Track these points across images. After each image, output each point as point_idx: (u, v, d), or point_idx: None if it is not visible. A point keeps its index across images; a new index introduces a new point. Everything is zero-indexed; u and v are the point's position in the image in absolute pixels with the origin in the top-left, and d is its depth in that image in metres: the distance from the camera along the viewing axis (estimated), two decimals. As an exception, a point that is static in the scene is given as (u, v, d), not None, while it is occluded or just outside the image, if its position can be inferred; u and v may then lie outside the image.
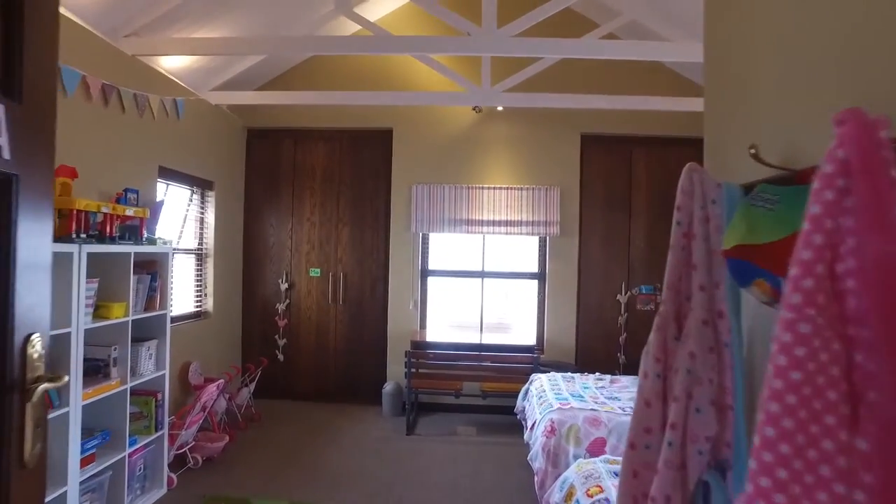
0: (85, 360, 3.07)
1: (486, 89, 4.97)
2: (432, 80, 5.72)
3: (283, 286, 5.95)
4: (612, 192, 5.88)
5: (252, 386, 5.23)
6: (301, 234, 5.99)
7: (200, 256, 5.29)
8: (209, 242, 5.34)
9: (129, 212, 3.14)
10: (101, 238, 2.95)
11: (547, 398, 3.79)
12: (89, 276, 2.91)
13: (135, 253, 3.25)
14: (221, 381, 4.02)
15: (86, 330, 2.87)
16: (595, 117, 5.73)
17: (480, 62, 4.94)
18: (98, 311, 3.04)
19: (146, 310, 3.50)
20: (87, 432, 2.96)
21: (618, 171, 5.89)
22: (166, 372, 3.63)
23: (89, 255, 2.86)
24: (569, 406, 3.52)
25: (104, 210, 2.90)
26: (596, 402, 3.68)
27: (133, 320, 3.30)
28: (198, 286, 5.25)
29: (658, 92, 5.25)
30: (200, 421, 3.93)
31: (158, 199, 4.31)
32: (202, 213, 5.30)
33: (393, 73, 5.82)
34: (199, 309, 5.24)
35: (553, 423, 3.35)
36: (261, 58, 5.24)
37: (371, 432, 5.10)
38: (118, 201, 3.04)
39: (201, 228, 5.31)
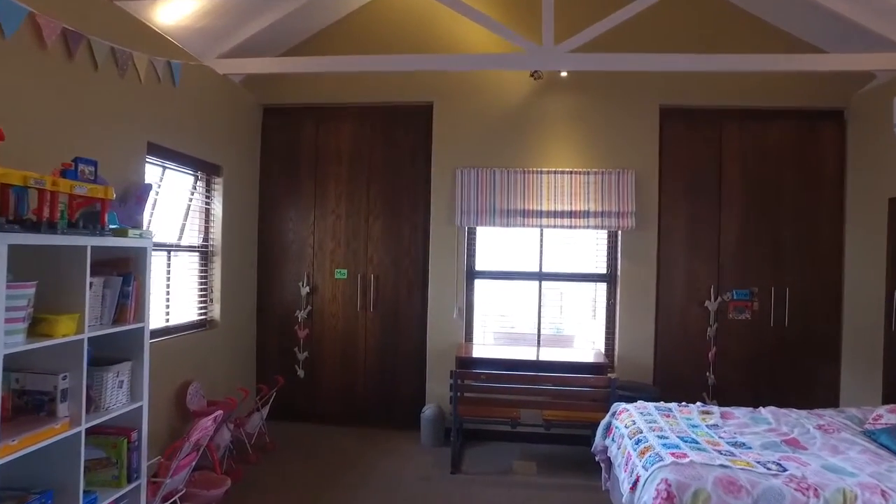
0: (19, 394, 2.24)
1: (548, 48, 4.01)
2: (481, 43, 4.77)
3: (304, 290, 5.08)
4: (698, 178, 4.84)
5: (265, 410, 4.36)
6: (325, 230, 5.11)
7: (205, 255, 4.46)
8: (216, 238, 4.51)
9: (81, 190, 2.27)
10: (36, 225, 2.09)
11: (649, 443, 2.79)
12: (21, 277, 2.06)
13: (94, 247, 2.40)
14: (219, 412, 3.16)
15: (11, 355, 2.02)
16: (677, 86, 4.72)
17: (540, 15, 3.98)
18: (37, 326, 2.18)
19: (116, 322, 2.65)
20: (14, 498, 2.10)
21: (705, 151, 4.84)
22: (144, 403, 2.77)
23: (14, 248, 2.01)
24: (687, 460, 2.52)
25: (34, 184, 2.03)
26: (720, 453, 2.67)
27: (94, 337, 2.45)
28: (202, 290, 4.41)
29: (755, 51, 4.21)
30: (193, 462, 3.07)
31: (146, 182, 3.47)
32: (208, 204, 4.47)
33: (434, 37, 4.89)
34: (203, 317, 4.41)
35: (669, 486, 2.36)
36: (277, 17, 4.38)
37: (408, 468, 4.18)
38: (63, 175, 2.20)
39: (207, 222, 4.48)
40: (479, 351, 4.71)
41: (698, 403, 3.57)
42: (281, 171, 5.14)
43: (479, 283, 5.03)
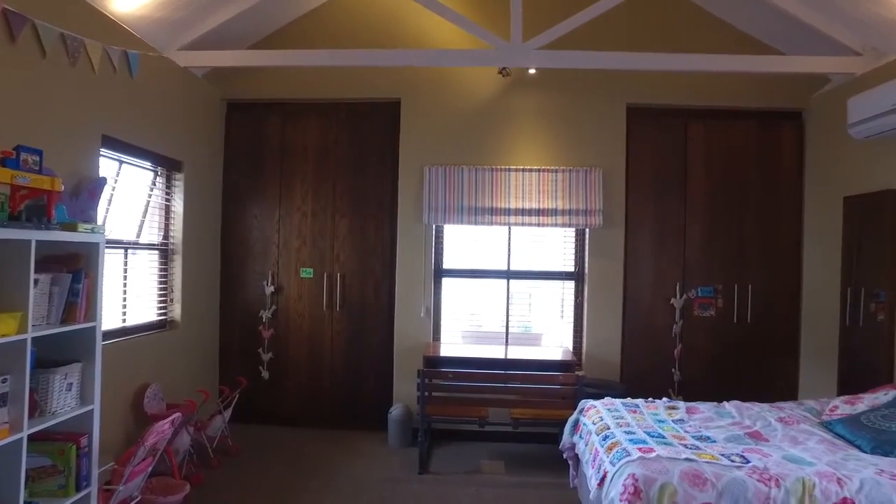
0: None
1: (517, 45, 3.99)
2: (450, 39, 4.74)
3: (269, 290, 4.96)
4: (664, 176, 4.90)
5: (227, 412, 4.24)
6: (290, 228, 5.01)
7: (165, 253, 4.31)
8: (177, 236, 4.37)
9: (23, 180, 2.15)
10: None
11: (616, 439, 2.79)
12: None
13: (41, 242, 2.28)
14: (177, 414, 3.04)
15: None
16: (644, 85, 4.76)
17: (509, 13, 3.96)
18: (-26, 325, 2.05)
19: (65, 322, 2.53)
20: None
21: (671, 150, 4.90)
22: (95, 407, 2.65)
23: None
24: (653, 454, 2.52)
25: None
26: (686, 446, 2.68)
27: (40, 338, 2.32)
28: (162, 290, 4.27)
29: (719, 52, 4.28)
30: (149, 468, 2.95)
31: (100, 176, 3.33)
32: (168, 200, 4.33)
33: (402, 32, 4.83)
34: (162, 318, 4.26)
35: (636, 480, 2.35)
36: (241, 9, 4.26)
37: (375, 470, 4.11)
38: (3, 163, 2.06)
39: (167, 219, 4.33)
40: (446, 350, 4.67)
41: (665, 399, 3.59)
42: (245, 168, 5.02)
43: (446, 282, 4.99)
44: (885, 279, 3.82)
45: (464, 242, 5.01)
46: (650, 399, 3.57)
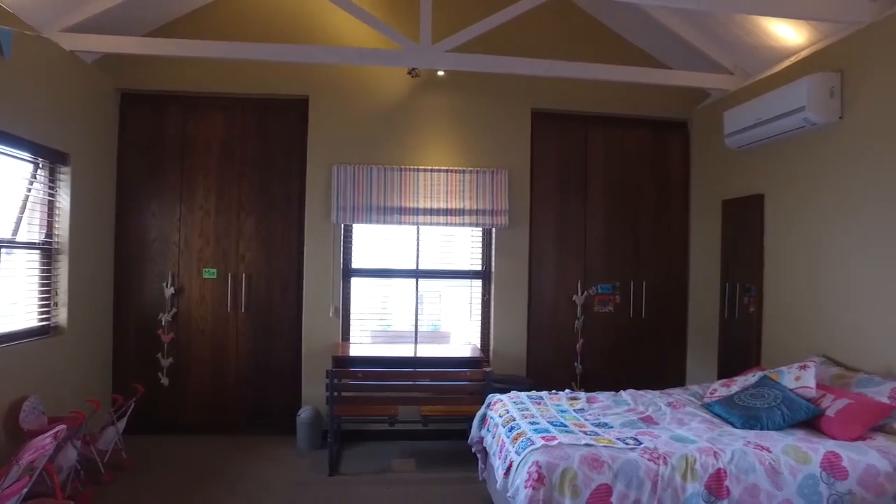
0: None
1: (426, 47, 4.05)
2: (359, 38, 4.72)
3: (169, 291, 4.71)
4: (567, 178, 5.15)
5: (121, 423, 3.97)
6: (192, 226, 4.78)
7: (49, 253, 3.98)
8: (62, 234, 4.04)
9: None
10: None
11: (521, 429, 2.90)
12: None
13: None
14: (60, 427, 2.82)
15: None
16: (548, 91, 4.98)
17: (419, 14, 4.02)
18: None
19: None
20: None
21: (572, 153, 5.17)
22: (-37, 419, 2.40)
23: None
24: (555, 442, 2.65)
25: None
26: (586, 433, 2.84)
27: None
28: (44, 293, 3.94)
29: (615, 63, 4.56)
30: (24, 489, 2.70)
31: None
32: (52, 196, 4.00)
33: (311, 29, 4.76)
34: (45, 323, 3.92)
35: (540, 467, 2.47)
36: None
37: (283, 474, 4.01)
38: None
39: (50, 216, 4.00)
40: (356, 350, 4.64)
41: (567, 391, 3.77)
42: (142, 163, 4.73)
43: (355, 282, 4.96)
44: (754, 275, 4.24)
45: (373, 242, 5.01)
46: (554, 391, 3.73)
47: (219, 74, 4.70)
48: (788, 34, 3.93)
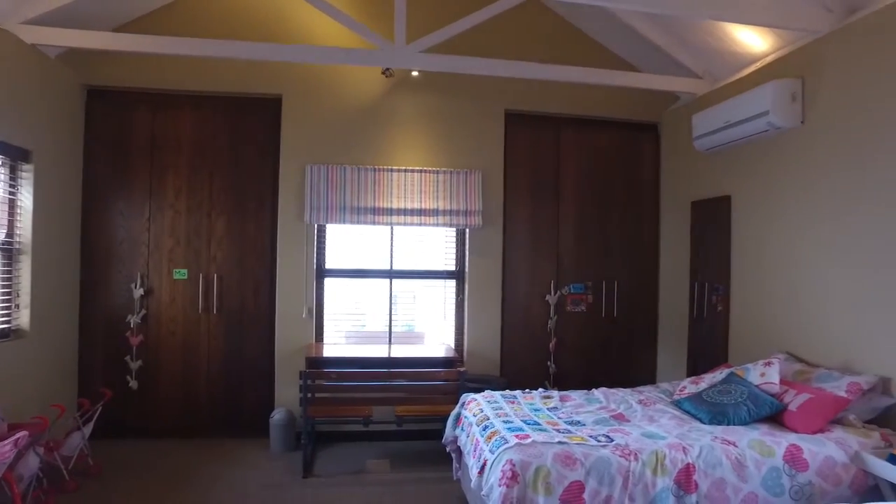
0: None
1: (400, 47, 4.05)
2: (334, 37, 4.70)
3: (138, 293, 4.62)
4: (540, 179, 5.20)
5: (87, 428, 3.88)
6: (162, 226, 4.70)
7: (9, 253, 3.87)
8: (25, 234, 3.93)
9: None
10: None
11: (495, 428, 2.92)
12: None
13: None
14: (21, 434, 2.74)
15: None
16: (521, 92, 5.03)
17: (393, 14, 4.02)
18: None
19: None
20: None
21: (546, 154, 5.22)
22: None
23: None
24: (529, 440, 2.68)
25: None
26: (559, 431, 2.88)
27: None
28: (5, 295, 3.82)
29: (588, 66, 4.63)
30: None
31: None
32: (13, 194, 3.89)
33: (285, 27, 4.72)
34: (5, 326, 3.81)
35: (514, 465, 2.49)
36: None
37: (256, 477, 3.97)
38: None
39: (12, 215, 3.89)
40: (329, 351, 4.61)
41: (540, 389, 3.81)
42: (110, 161, 4.62)
43: (329, 282, 4.93)
44: (722, 274, 4.35)
45: (346, 242, 4.99)
46: (527, 390, 3.77)
47: (189, 72, 4.63)
48: (754, 41, 4.04)
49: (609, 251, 5.29)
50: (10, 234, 3.86)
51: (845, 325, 3.28)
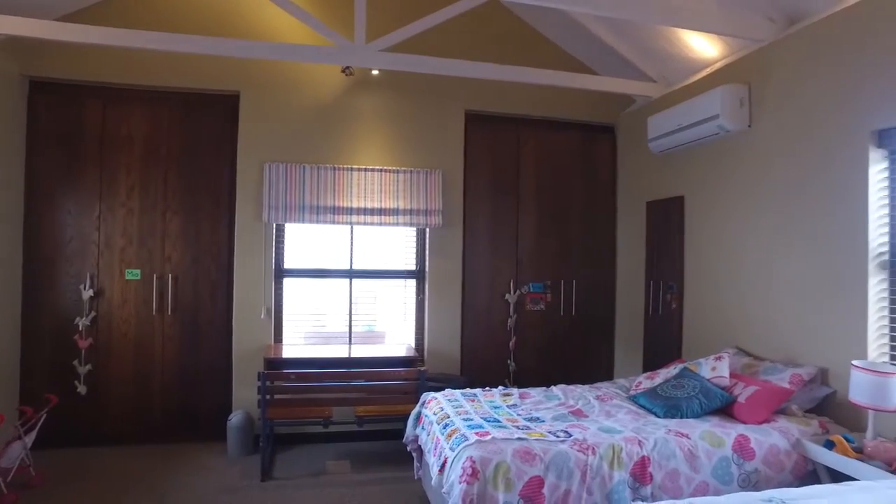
0: None
1: (360, 45, 4.03)
2: (293, 34, 4.64)
3: (87, 294, 4.45)
4: (499, 179, 5.26)
5: (30, 437, 3.71)
6: (113, 225, 4.54)
7: (-52, 253, 3.68)
8: (-37, 233, 3.74)
9: None
10: None
11: (455, 426, 2.94)
12: None
13: None
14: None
15: None
16: (481, 93, 5.07)
17: (353, 11, 4.00)
18: None
19: None
20: None
21: (505, 155, 5.28)
22: None
23: None
24: (489, 437, 2.71)
25: None
26: (518, 428, 2.91)
27: None
28: (-57, 296, 3.63)
29: (546, 68, 4.70)
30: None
31: None
32: (-49, 192, 3.70)
33: (243, 22, 4.64)
34: (-57, 329, 3.63)
35: (474, 462, 2.51)
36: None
37: (213, 482, 3.89)
38: None
39: (-51, 213, 3.70)
40: (288, 351, 4.55)
41: (500, 387, 3.84)
42: (56, 157, 4.44)
43: (288, 282, 4.86)
44: (676, 273, 4.48)
45: (306, 242, 4.93)
46: (487, 388, 3.80)
47: (143, 66, 4.50)
48: (705, 47, 4.18)
49: (567, 251, 5.39)
50: (-53, 232, 3.67)
51: (788, 319, 3.43)
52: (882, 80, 2.90)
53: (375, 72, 4.81)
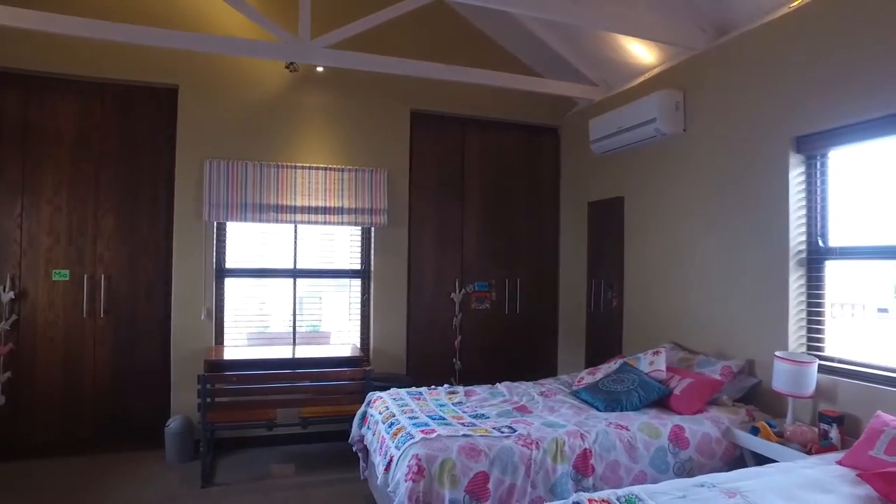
0: None
1: (304, 41, 3.97)
2: (236, 27, 4.52)
3: (8, 296, 4.19)
4: (445, 179, 5.29)
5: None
6: (39, 223, 4.29)
7: None
8: None
9: None
10: None
11: (401, 425, 2.94)
12: None
13: None
14: None
15: None
16: (427, 92, 5.08)
17: (297, 6, 3.93)
18: None
19: None
20: None
21: (450, 155, 5.32)
22: None
23: None
24: (434, 434, 2.72)
25: None
26: (463, 425, 2.94)
27: None
28: None
29: (492, 69, 4.77)
30: None
31: None
32: None
33: (183, 14, 4.47)
34: None
35: (419, 460, 2.52)
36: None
37: (151, 490, 3.74)
38: None
39: None
40: (231, 353, 4.43)
41: (446, 385, 3.87)
42: (-28, 151, 4.16)
43: (230, 283, 4.73)
44: (616, 272, 4.64)
45: (248, 241, 4.81)
46: (433, 386, 3.82)
47: (72, 54, 4.26)
48: (643, 54, 4.35)
49: (512, 250, 5.48)
50: None
51: (719, 315, 3.62)
52: (801, 89, 3.10)
53: (320, 69, 4.74)
